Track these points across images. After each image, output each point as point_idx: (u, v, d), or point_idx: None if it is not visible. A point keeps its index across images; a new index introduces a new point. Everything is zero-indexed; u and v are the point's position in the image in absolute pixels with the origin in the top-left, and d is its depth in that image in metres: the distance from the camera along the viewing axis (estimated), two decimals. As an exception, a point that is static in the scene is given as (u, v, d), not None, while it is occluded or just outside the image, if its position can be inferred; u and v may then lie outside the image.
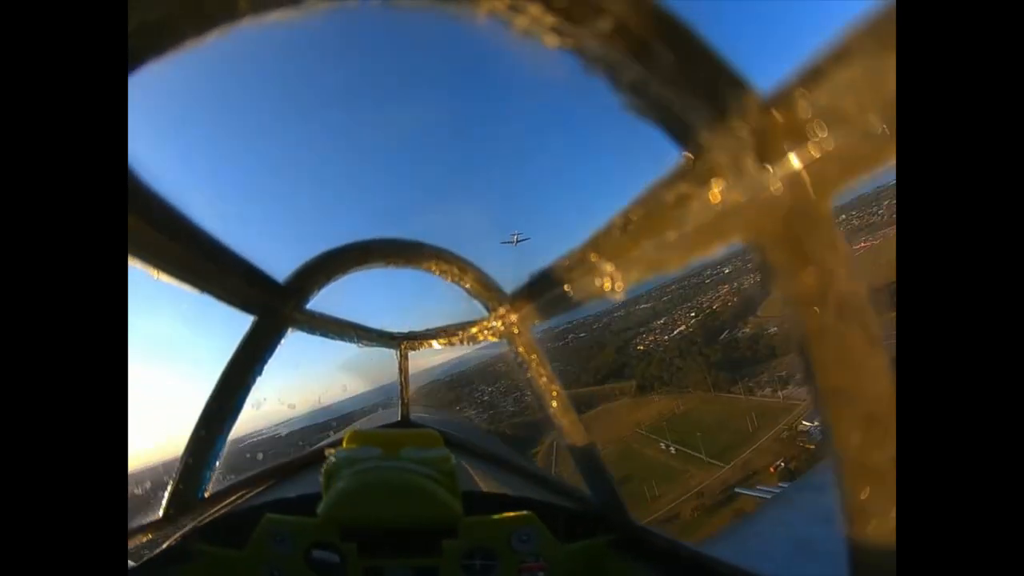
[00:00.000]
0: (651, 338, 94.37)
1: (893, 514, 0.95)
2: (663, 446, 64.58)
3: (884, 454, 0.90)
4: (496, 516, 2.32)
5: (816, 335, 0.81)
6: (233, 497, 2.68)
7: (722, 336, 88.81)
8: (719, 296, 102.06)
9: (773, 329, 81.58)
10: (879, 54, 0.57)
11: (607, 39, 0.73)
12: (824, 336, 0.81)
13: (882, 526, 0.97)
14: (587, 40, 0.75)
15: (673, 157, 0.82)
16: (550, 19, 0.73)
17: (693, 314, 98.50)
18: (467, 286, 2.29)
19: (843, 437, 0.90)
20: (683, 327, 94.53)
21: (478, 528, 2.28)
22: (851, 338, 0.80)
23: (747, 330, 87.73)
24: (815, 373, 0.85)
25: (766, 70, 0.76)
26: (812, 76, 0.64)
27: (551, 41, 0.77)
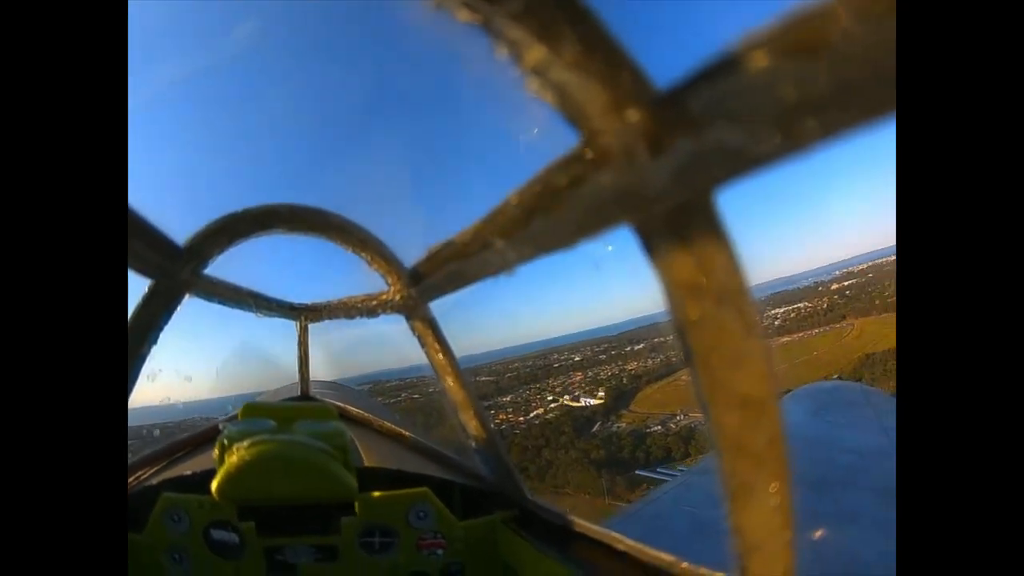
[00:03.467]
0: (502, 417, 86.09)
1: (773, 493, 1.01)
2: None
3: (762, 436, 0.96)
4: (392, 492, 2.34)
5: (696, 321, 0.85)
6: (130, 477, 2.55)
7: (595, 428, 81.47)
8: (574, 382, 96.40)
9: (657, 427, 75.41)
10: (774, 60, 0.60)
11: (516, 18, 0.74)
12: (703, 322, 0.85)
13: (763, 505, 1.03)
14: (497, 17, 0.75)
15: (569, 140, 0.84)
16: None
17: (550, 398, 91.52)
18: (368, 258, 2.22)
19: (722, 420, 0.94)
20: (541, 410, 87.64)
21: (375, 504, 2.30)
22: (729, 324, 0.84)
23: (623, 424, 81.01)
24: (695, 357, 0.89)
25: (665, 64, 0.79)
26: (709, 74, 0.67)
27: (462, 15, 0.76)
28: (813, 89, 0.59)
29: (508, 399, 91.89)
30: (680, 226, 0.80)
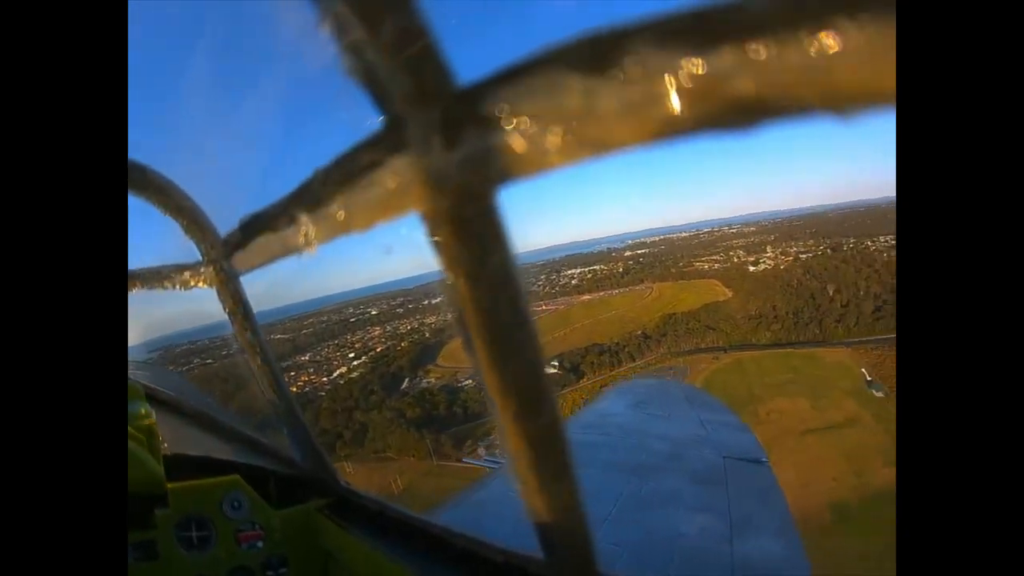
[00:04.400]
0: (304, 378, 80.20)
1: (558, 474, 1.08)
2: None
3: (539, 422, 1.03)
4: (202, 481, 2.23)
5: (473, 306, 0.91)
6: None
7: (404, 385, 77.85)
8: (373, 337, 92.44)
9: (468, 381, 71.61)
10: (566, 73, 0.67)
11: None
12: (479, 308, 0.91)
13: (552, 486, 1.10)
14: None
15: (375, 123, 0.87)
16: None
17: (352, 355, 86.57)
18: (183, 223, 2.01)
19: (503, 405, 1.00)
20: (344, 368, 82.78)
21: (186, 494, 2.17)
22: (502, 310, 0.91)
23: (433, 380, 77.73)
24: (473, 343, 0.95)
25: (472, 62, 0.84)
26: (507, 77, 0.73)
27: None
28: (600, 104, 0.64)
29: (307, 358, 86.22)
30: (462, 216, 0.85)
